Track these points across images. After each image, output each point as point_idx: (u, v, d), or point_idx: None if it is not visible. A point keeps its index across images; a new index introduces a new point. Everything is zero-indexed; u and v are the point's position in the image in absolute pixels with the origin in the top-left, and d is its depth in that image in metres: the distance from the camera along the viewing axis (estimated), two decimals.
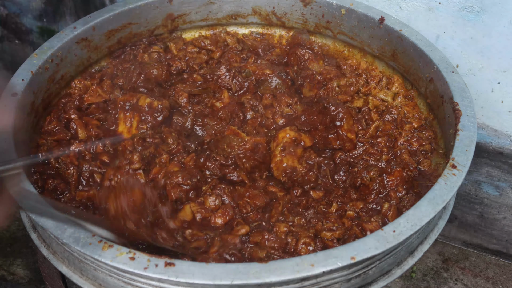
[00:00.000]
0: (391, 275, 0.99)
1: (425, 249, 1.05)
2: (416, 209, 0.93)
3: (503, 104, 1.58)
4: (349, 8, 1.47)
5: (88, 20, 1.40)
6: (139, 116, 1.24)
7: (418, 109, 1.32)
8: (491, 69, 1.53)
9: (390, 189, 1.11)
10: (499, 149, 1.69)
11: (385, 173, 1.12)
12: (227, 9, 1.60)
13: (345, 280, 0.91)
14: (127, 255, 0.84)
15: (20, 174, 0.92)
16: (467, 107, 1.14)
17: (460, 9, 1.47)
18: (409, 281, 1.93)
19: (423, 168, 1.18)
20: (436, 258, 2.00)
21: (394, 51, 1.41)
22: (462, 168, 1.01)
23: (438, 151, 1.21)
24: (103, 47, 1.46)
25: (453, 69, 1.24)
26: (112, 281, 0.92)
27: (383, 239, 0.88)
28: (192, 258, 0.96)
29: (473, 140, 1.07)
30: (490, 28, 1.46)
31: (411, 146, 1.22)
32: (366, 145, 1.24)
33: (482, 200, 1.85)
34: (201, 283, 0.81)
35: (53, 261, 1.02)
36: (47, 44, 1.31)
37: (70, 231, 0.87)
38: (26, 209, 0.92)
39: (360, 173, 1.15)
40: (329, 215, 1.08)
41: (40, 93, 1.26)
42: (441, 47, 1.46)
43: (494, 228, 1.91)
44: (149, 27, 1.53)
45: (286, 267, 0.83)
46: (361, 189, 1.15)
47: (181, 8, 1.55)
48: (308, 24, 1.56)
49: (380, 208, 1.09)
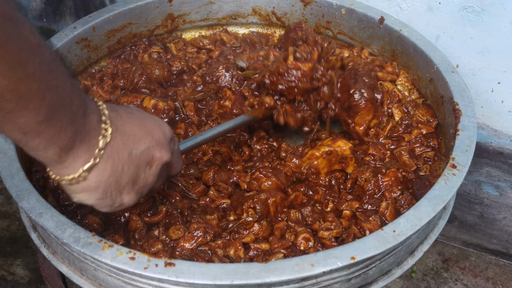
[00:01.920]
0: (391, 275, 0.99)
1: (425, 249, 1.04)
2: (416, 209, 0.93)
3: (503, 104, 1.58)
4: (349, 8, 1.47)
5: (88, 20, 1.40)
6: None
7: (432, 113, 1.28)
8: (491, 69, 1.53)
9: (385, 190, 1.11)
10: (499, 149, 1.69)
11: (379, 173, 1.12)
12: (227, 9, 1.60)
13: (345, 280, 0.91)
14: (127, 255, 0.84)
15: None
16: (467, 107, 1.14)
17: (460, 9, 1.47)
18: (409, 281, 1.94)
19: (423, 173, 1.17)
20: (436, 258, 2.00)
21: (394, 51, 1.41)
22: (462, 168, 1.01)
23: (441, 158, 1.20)
24: (103, 47, 1.46)
25: (453, 69, 1.24)
26: (112, 281, 0.93)
27: (383, 239, 0.88)
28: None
29: (473, 140, 1.07)
30: (490, 28, 1.46)
31: (414, 151, 1.22)
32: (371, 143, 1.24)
33: (482, 200, 1.85)
34: (201, 283, 0.81)
35: (53, 261, 1.02)
36: (47, 44, 1.31)
37: (70, 231, 0.87)
38: (26, 209, 0.92)
39: (355, 174, 1.15)
40: (326, 214, 1.08)
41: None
42: (441, 47, 1.46)
43: (494, 228, 1.91)
44: (149, 27, 1.53)
45: (286, 267, 0.83)
46: (356, 189, 1.15)
47: (181, 8, 1.55)
48: (308, 24, 1.56)
49: (376, 207, 1.09)
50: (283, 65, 1.20)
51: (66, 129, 0.68)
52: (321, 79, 1.22)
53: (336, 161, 1.16)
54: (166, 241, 1.01)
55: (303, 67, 1.20)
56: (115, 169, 0.77)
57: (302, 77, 1.20)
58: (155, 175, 0.85)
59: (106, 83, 1.39)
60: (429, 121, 1.26)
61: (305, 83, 1.21)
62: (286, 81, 1.21)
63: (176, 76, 1.45)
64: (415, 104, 1.29)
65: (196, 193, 1.14)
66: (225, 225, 1.06)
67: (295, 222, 1.07)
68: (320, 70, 1.22)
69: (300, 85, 1.21)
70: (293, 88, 1.21)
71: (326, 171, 1.17)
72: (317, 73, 1.21)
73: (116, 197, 0.80)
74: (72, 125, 0.69)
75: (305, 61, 1.21)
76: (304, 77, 1.20)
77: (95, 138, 0.74)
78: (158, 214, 1.06)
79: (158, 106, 1.24)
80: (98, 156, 0.74)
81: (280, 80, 1.21)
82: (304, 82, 1.21)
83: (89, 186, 0.76)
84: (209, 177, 1.16)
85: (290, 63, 1.20)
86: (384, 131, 1.25)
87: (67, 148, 0.70)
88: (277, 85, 1.22)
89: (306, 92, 1.24)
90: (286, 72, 1.20)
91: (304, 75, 1.20)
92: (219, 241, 1.00)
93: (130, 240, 1.02)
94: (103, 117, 0.75)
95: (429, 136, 1.24)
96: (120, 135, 0.77)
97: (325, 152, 1.15)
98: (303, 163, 1.17)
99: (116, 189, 0.79)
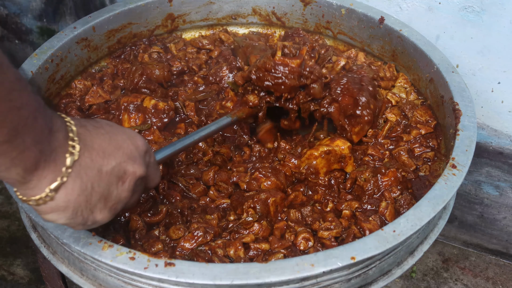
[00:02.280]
0: (391, 275, 1.00)
1: (425, 249, 1.05)
2: (416, 209, 0.93)
3: (503, 104, 1.58)
4: (349, 8, 1.47)
5: (88, 20, 1.40)
6: (144, 118, 1.24)
7: (431, 114, 1.28)
8: (491, 69, 1.53)
9: (384, 190, 1.11)
10: (499, 149, 1.69)
11: (379, 173, 1.12)
12: (227, 9, 1.60)
13: (345, 280, 0.91)
14: (127, 255, 0.84)
15: None
16: (467, 107, 1.14)
17: (460, 9, 1.47)
18: (409, 281, 1.94)
19: (423, 173, 1.17)
20: (436, 258, 2.00)
21: (394, 51, 1.41)
22: (462, 168, 1.01)
23: (440, 158, 1.20)
24: (103, 47, 1.46)
25: (453, 69, 1.24)
26: (112, 281, 0.93)
27: (383, 239, 0.88)
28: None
29: (473, 140, 1.07)
30: (490, 28, 1.46)
31: (413, 152, 1.22)
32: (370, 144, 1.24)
33: (482, 200, 1.85)
34: (201, 283, 0.81)
35: (53, 261, 1.02)
36: (47, 44, 1.31)
37: (70, 231, 0.87)
38: (26, 209, 0.92)
39: (355, 174, 1.15)
40: (326, 214, 1.08)
41: (40, 93, 1.26)
42: (441, 47, 1.46)
43: (494, 228, 1.91)
44: (149, 27, 1.53)
45: (286, 267, 0.83)
46: (355, 189, 1.15)
47: (181, 8, 1.55)
48: (308, 24, 1.56)
49: (376, 207, 1.09)
50: (270, 61, 1.17)
51: (30, 149, 0.66)
52: (309, 76, 1.19)
53: (335, 160, 1.16)
54: (166, 241, 1.01)
55: (291, 63, 1.16)
56: (85, 187, 0.74)
57: (289, 74, 1.16)
58: (128, 190, 0.82)
59: (106, 83, 1.39)
60: (428, 121, 1.26)
61: (293, 80, 1.17)
62: (273, 77, 1.17)
63: (176, 76, 1.45)
64: (413, 106, 1.30)
65: (196, 193, 1.14)
66: (225, 225, 1.06)
67: (295, 222, 1.07)
68: (308, 66, 1.18)
69: (288, 82, 1.17)
70: (280, 84, 1.17)
71: (325, 170, 1.16)
72: (305, 70, 1.18)
73: (87, 216, 0.77)
74: (36, 145, 0.67)
75: (293, 57, 1.17)
76: (291, 73, 1.16)
77: (62, 157, 0.71)
78: (158, 214, 1.06)
79: (158, 106, 1.25)
80: (66, 175, 0.71)
81: (266, 76, 1.18)
82: (291, 79, 1.17)
83: (58, 206, 0.73)
84: (209, 177, 1.16)
85: (278, 58, 1.16)
86: (383, 131, 1.25)
87: (32, 168, 0.68)
88: (263, 81, 1.18)
89: (294, 90, 1.20)
90: (273, 68, 1.16)
91: (292, 71, 1.16)
92: (219, 241, 1.00)
93: (131, 240, 1.02)
94: (70, 134, 0.73)
95: (428, 136, 1.24)
96: (89, 151, 0.75)
97: (323, 151, 1.15)
98: (302, 163, 1.16)
99: (86, 208, 0.76)
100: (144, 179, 0.87)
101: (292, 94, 1.21)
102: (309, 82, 1.19)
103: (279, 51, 1.17)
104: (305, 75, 1.18)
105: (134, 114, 1.25)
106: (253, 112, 1.24)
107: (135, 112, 1.25)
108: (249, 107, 1.23)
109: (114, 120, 1.28)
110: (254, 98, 1.22)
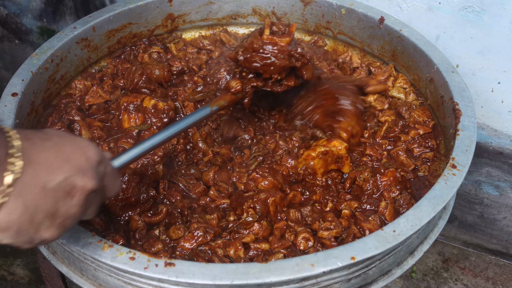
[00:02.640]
0: (391, 275, 1.00)
1: (425, 249, 1.05)
2: (416, 209, 0.93)
3: (503, 104, 1.59)
4: (349, 8, 1.47)
5: (88, 20, 1.40)
6: (143, 118, 1.24)
7: (429, 114, 1.28)
8: (491, 69, 1.53)
9: (384, 189, 1.11)
10: (499, 149, 1.69)
11: (378, 173, 1.12)
12: (227, 9, 1.60)
13: (345, 280, 0.91)
14: (127, 255, 0.84)
15: None
16: (467, 107, 1.14)
17: (460, 9, 1.47)
18: (409, 281, 1.94)
19: (422, 174, 1.17)
20: (436, 258, 2.00)
21: (394, 51, 1.41)
22: (462, 168, 1.01)
23: (440, 158, 1.20)
24: (103, 47, 1.46)
25: (453, 69, 1.24)
26: (112, 281, 0.93)
27: (383, 239, 0.88)
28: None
29: (473, 140, 1.07)
30: (490, 28, 1.46)
31: (412, 152, 1.22)
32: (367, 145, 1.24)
33: (482, 200, 1.85)
34: (201, 283, 0.82)
35: (53, 261, 1.02)
36: (47, 44, 1.31)
37: (70, 231, 0.87)
38: None
39: (354, 174, 1.15)
40: (326, 214, 1.08)
41: (40, 93, 1.26)
42: (441, 47, 1.46)
43: (494, 228, 1.91)
44: (149, 27, 1.53)
45: (286, 267, 0.83)
46: (355, 189, 1.15)
47: (181, 8, 1.55)
48: (308, 24, 1.56)
49: (375, 207, 1.09)
50: (258, 40, 1.10)
51: None
52: (300, 59, 1.12)
53: (332, 161, 1.16)
54: (166, 241, 1.01)
55: (280, 42, 1.09)
56: (28, 206, 0.70)
57: (279, 53, 1.10)
58: (78, 205, 0.76)
59: (106, 83, 1.39)
60: (426, 121, 1.27)
61: (283, 60, 1.10)
62: (262, 57, 1.10)
63: (176, 76, 1.45)
64: (409, 107, 1.30)
65: (197, 193, 1.14)
66: (225, 225, 1.06)
67: (295, 221, 1.07)
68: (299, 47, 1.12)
69: (277, 62, 1.10)
70: (269, 65, 1.10)
71: (322, 171, 1.16)
72: (296, 51, 1.11)
73: (33, 235, 0.73)
74: None
75: (282, 35, 1.11)
76: (281, 53, 1.10)
77: (1, 175, 0.67)
78: (158, 214, 1.06)
79: (158, 106, 1.25)
80: (6, 194, 0.67)
81: (254, 57, 1.11)
82: (281, 58, 1.10)
83: None
84: (209, 177, 1.16)
85: (266, 37, 1.09)
86: (380, 132, 1.25)
87: None
88: (251, 63, 1.11)
89: (284, 70, 1.14)
90: (261, 47, 1.10)
91: (281, 50, 1.10)
92: (219, 241, 1.00)
93: (131, 240, 1.02)
94: (11, 150, 0.68)
95: (427, 136, 1.24)
96: (33, 167, 0.70)
97: (321, 152, 1.14)
98: (299, 164, 1.16)
99: (31, 227, 0.71)
100: (98, 192, 0.81)
101: (283, 75, 1.15)
102: (299, 65, 1.14)
103: (267, 29, 1.11)
104: (296, 57, 1.13)
105: (134, 114, 1.25)
106: (236, 99, 1.16)
107: (135, 112, 1.25)
108: (232, 94, 1.15)
109: (114, 120, 1.28)
110: (236, 84, 1.14)
